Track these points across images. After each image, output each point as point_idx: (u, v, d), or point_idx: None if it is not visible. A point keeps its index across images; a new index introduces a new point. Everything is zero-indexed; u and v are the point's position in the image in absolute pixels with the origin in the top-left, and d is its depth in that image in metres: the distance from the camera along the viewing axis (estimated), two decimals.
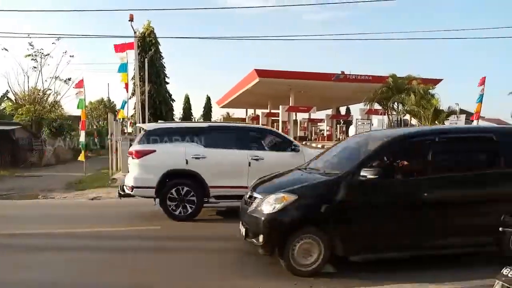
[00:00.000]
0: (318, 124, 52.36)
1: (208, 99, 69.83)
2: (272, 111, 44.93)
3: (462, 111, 26.17)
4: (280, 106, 38.56)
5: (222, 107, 59.64)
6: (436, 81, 32.69)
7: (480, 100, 18.17)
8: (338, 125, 49.71)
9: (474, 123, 18.92)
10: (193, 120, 62.64)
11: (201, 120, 64.59)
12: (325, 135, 46.14)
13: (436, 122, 24.46)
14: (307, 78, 33.63)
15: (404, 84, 28.51)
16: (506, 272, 2.33)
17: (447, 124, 21.94)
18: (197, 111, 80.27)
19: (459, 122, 22.94)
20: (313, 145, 30.95)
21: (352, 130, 39.14)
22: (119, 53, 16.61)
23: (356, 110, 43.33)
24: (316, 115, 49.22)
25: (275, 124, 41.06)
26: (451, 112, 25.32)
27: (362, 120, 37.23)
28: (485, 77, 17.97)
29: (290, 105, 38.57)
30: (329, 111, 47.86)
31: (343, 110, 59.68)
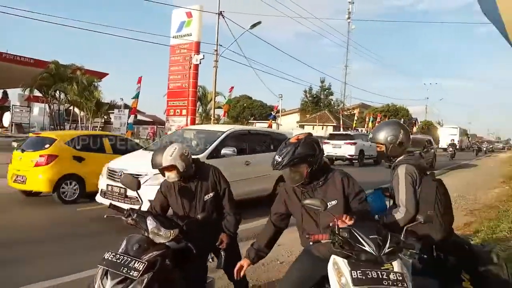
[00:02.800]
0: None
1: None
2: None
3: (126, 106, 27.70)
4: None
5: None
6: (102, 75, 33.18)
7: (137, 96, 19.77)
8: None
9: (132, 118, 20.38)
10: None
11: None
12: None
13: (99, 114, 24.79)
14: None
15: (68, 72, 27.25)
16: (107, 256, 2.37)
17: (112, 116, 22.79)
18: None
19: (123, 116, 24.20)
20: None
21: (7, 117, 34.01)
22: None
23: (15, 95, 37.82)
24: None
25: None
26: (114, 106, 26.36)
27: (21, 107, 33.05)
28: (141, 77, 19.70)
29: None
30: None
31: None
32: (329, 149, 19.68)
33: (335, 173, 2.49)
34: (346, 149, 20.12)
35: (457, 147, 34.17)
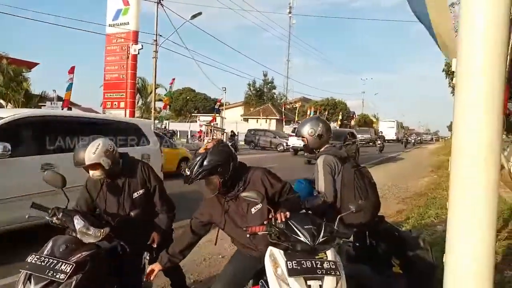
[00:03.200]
0: None
1: None
2: None
3: (60, 98, 26.07)
4: None
5: None
6: (32, 64, 30.86)
7: (69, 88, 18.67)
8: None
9: (65, 110, 19.18)
10: None
11: None
12: None
13: (28, 106, 23.09)
14: None
15: None
16: (30, 259, 2.21)
17: (44, 109, 21.20)
18: None
19: (56, 109, 22.71)
20: None
21: None
22: None
23: None
24: None
25: None
26: (46, 98, 24.69)
27: None
28: (74, 66, 18.62)
29: None
30: None
31: None
32: (294, 141, 20.91)
33: (254, 174, 2.41)
34: None
35: (386, 139, 34.51)
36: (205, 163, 2.22)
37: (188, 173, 2.25)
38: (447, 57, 2.17)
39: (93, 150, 2.64)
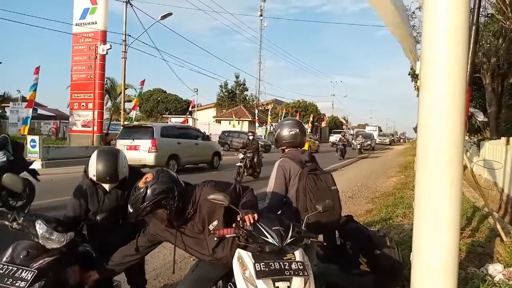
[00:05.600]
0: None
1: None
2: None
3: (25, 99, 25.12)
4: None
5: None
6: None
7: (34, 88, 17.96)
8: None
9: (29, 112, 18.49)
10: None
11: None
12: None
13: None
14: None
15: None
16: None
17: (8, 110, 20.44)
18: None
19: (21, 110, 21.98)
20: None
21: None
22: None
23: None
24: None
25: None
26: (9, 99, 23.76)
27: None
28: (39, 66, 17.95)
29: None
30: None
31: None
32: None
33: (202, 192, 2.26)
34: None
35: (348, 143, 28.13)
36: (146, 198, 2.07)
37: (131, 210, 2.11)
38: (412, 63, 2.22)
39: (124, 164, 2.69)
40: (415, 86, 14.59)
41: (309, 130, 38.65)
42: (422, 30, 1.90)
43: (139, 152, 12.58)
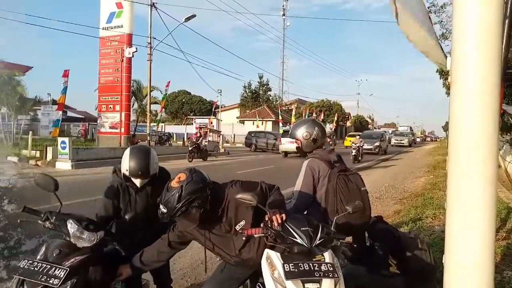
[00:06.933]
0: None
1: None
2: None
3: (55, 102, 25.96)
4: None
5: None
6: (25, 68, 30.67)
7: (64, 92, 18.55)
8: None
9: (60, 115, 19.09)
10: None
11: None
12: None
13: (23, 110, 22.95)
14: None
15: None
16: (23, 264, 2.17)
17: (39, 113, 21.04)
18: None
19: (52, 112, 22.70)
20: None
21: None
22: None
23: None
24: None
25: None
26: (40, 102, 24.56)
27: None
28: (68, 70, 18.51)
29: None
30: None
31: None
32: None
33: (230, 191, 2.26)
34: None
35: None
36: (182, 197, 2.05)
37: (165, 210, 2.08)
38: (437, 62, 2.14)
39: (155, 160, 2.75)
40: (443, 84, 14.15)
41: (332, 129, 38.29)
42: (452, 24, 1.83)
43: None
